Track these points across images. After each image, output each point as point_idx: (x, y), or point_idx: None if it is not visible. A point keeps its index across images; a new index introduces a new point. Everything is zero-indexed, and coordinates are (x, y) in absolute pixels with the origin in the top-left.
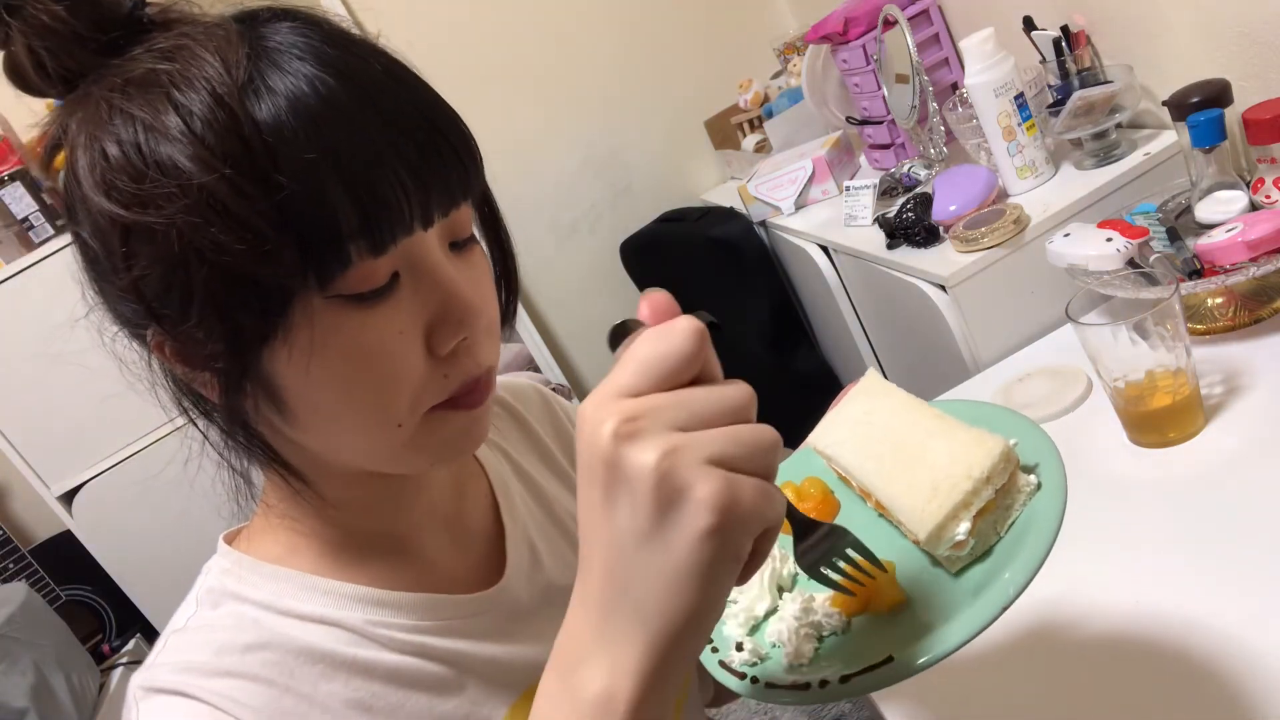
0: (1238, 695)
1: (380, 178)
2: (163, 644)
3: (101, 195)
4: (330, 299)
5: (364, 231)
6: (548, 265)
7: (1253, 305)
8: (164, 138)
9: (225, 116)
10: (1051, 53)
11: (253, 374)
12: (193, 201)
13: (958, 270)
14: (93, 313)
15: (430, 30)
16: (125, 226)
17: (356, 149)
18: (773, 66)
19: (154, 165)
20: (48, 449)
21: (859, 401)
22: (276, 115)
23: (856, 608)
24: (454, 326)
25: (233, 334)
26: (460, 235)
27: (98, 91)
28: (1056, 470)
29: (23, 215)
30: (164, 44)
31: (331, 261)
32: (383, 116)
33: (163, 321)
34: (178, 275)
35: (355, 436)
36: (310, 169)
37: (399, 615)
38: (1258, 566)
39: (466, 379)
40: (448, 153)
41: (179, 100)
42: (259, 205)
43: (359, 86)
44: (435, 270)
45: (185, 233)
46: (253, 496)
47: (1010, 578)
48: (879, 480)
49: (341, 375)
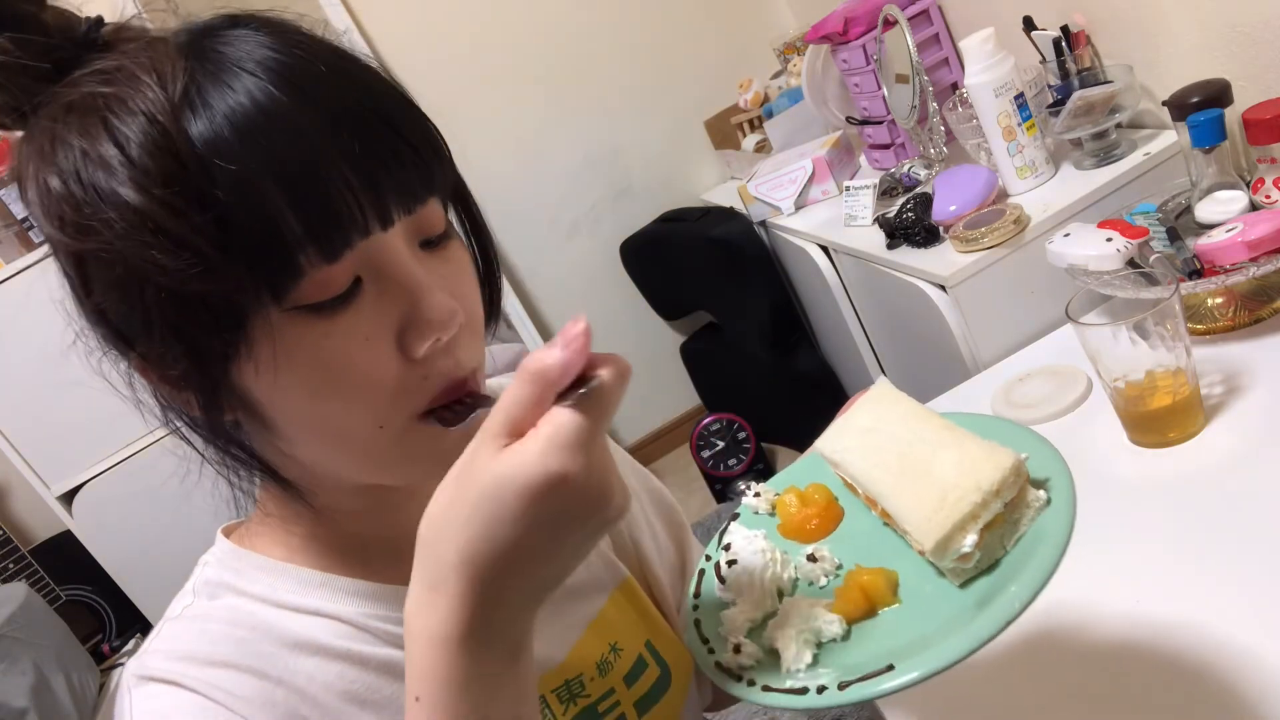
0: (1238, 695)
1: (325, 181)
2: (157, 632)
3: (53, 226)
4: (289, 310)
5: (312, 239)
6: (548, 265)
7: (1253, 305)
8: (99, 165)
9: (158, 135)
10: (1051, 53)
11: (225, 391)
12: (129, 225)
13: (958, 270)
14: (80, 337)
15: (430, 30)
16: (77, 255)
17: (296, 153)
18: (773, 66)
19: (91, 191)
20: (48, 449)
21: (869, 409)
22: (213, 129)
23: (856, 610)
24: (424, 328)
25: (195, 354)
26: (431, 233)
27: (44, 120)
28: (1066, 486)
29: (23, 215)
30: (104, 65)
31: (281, 273)
32: (326, 117)
33: (134, 344)
34: (133, 299)
35: (340, 446)
36: (248, 181)
37: (394, 608)
38: (1258, 566)
39: (449, 381)
40: (404, 149)
41: (114, 125)
42: (196, 223)
43: (299, 89)
44: (400, 272)
45: (128, 257)
46: (251, 499)
47: (1016, 591)
48: (886, 489)
49: (310, 386)
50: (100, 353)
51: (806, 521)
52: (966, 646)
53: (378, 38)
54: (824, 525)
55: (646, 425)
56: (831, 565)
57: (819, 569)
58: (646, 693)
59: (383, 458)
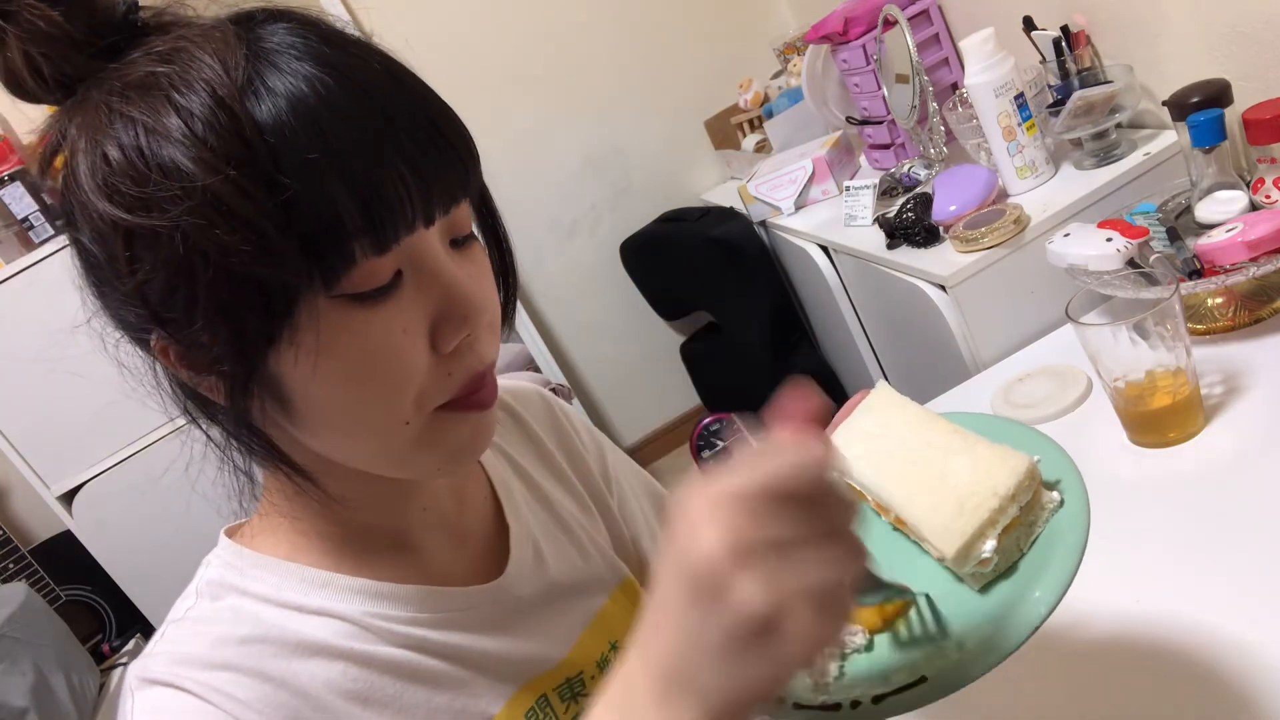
0: (1238, 695)
1: (383, 176)
2: (160, 635)
3: (104, 199)
4: (335, 299)
5: (368, 230)
6: (548, 265)
7: (1253, 305)
8: (166, 140)
9: (226, 118)
10: (1051, 53)
11: (259, 376)
12: (196, 203)
13: (958, 270)
14: (94, 319)
15: (431, 30)
16: (128, 230)
17: (358, 148)
18: (773, 66)
19: (156, 168)
20: (48, 449)
21: (872, 415)
22: (277, 115)
23: (873, 620)
24: (458, 323)
25: (238, 336)
26: (460, 232)
27: (97, 95)
28: (1078, 487)
29: (23, 215)
30: (161, 47)
31: (336, 261)
32: (383, 115)
33: (167, 326)
34: (182, 279)
35: (363, 436)
36: (313, 169)
37: (397, 608)
38: (1258, 566)
39: (470, 375)
40: (447, 150)
41: (179, 102)
42: (263, 206)
43: (358, 85)
44: (438, 268)
45: (189, 235)
46: (255, 495)
47: (1041, 596)
48: (900, 497)
49: (348, 375)
50: (117, 338)
51: None
52: (997, 656)
53: (377, 38)
54: None
55: (646, 425)
56: None
57: None
58: None
59: (403, 449)
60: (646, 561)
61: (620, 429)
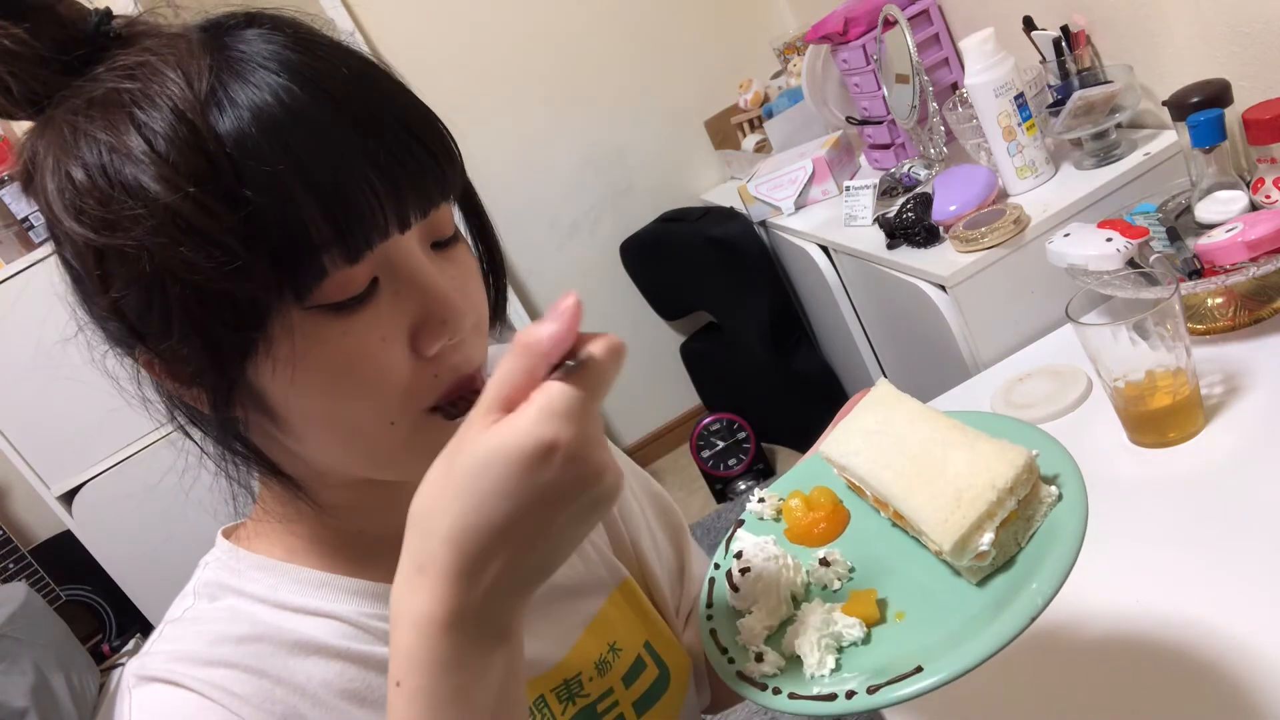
0: (1238, 694)
1: (350, 184)
2: (158, 634)
3: (72, 219)
4: (309, 309)
5: (337, 240)
6: (548, 265)
7: (1253, 305)
8: (128, 159)
9: (187, 132)
10: (1051, 53)
11: (239, 388)
12: (160, 222)
13: (958, 270)
14: (82, 332)
15: (431, 31)
16: (98, 250)
17: (324, 157)
18: (773, 66)
19: (120, 187)
20: (48, 449)
21: (873, 411)
22: (240, 128)
23: (871, 613)
24: (438, 328)
25: (214, 350)
26: (442, 235)
27: (61, 114)
28: (1076, 482)
29: (23, 215)
30: (127, 60)
31: (306, 273)
32: (351, 121)
33: (147, 340)
34: (154, 295)
35: (350, 443)
36: (277, 181)
37: None
38: (1258, 566)
39: (457, 377)
40: (421, 153)
41: (141, 119)
42: (226, 221)
43: (325, 91)
44: (415, 273)
45: (155, 254)
46: (251, 497)
47: (1038, 588)
48: (899, 491)
49: (327, 384)
50: (105, 349)
51: (814, 525)
52: (993, 645)
53: (378, 38)
54: (831, 529)
55: (646, 425)
56: (844, 569)
57: (832, 573)
58: (645, 693)
59: (391, 453)
60: (646, 563)
61: (620, 429)
